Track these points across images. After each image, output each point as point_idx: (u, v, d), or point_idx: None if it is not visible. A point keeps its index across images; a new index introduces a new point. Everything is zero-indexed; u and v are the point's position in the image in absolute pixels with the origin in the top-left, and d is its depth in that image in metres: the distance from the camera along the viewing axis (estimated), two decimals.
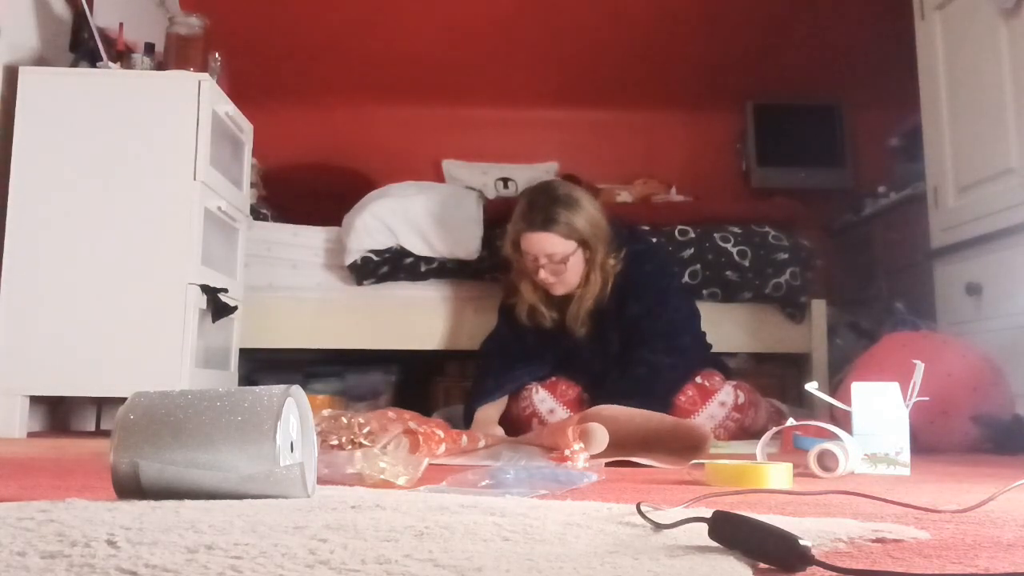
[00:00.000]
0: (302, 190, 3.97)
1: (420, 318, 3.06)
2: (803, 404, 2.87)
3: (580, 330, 2.49)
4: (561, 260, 2.41)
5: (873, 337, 2.87)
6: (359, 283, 3.05)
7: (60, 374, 2.38)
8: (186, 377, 2.40)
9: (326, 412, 1.78)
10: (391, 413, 2.04)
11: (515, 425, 2.46)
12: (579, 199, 2.44)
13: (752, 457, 1.60)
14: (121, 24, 2.69)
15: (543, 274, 2.44)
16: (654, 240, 2.89)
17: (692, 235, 3.02)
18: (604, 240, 2.46)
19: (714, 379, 2.49)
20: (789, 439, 1.86)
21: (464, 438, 1.96)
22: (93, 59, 2.57)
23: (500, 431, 2.36)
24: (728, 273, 3.00)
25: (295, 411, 1.09)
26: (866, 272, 3.87)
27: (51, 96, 2.46)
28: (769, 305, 3.10)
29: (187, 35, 2.60)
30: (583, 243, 2.43)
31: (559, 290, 2.48)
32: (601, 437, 1.68)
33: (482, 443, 2.06)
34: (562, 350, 2.55)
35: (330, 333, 3.06)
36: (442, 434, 1.85)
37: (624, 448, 1.73)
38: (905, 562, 0.73)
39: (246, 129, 2.91)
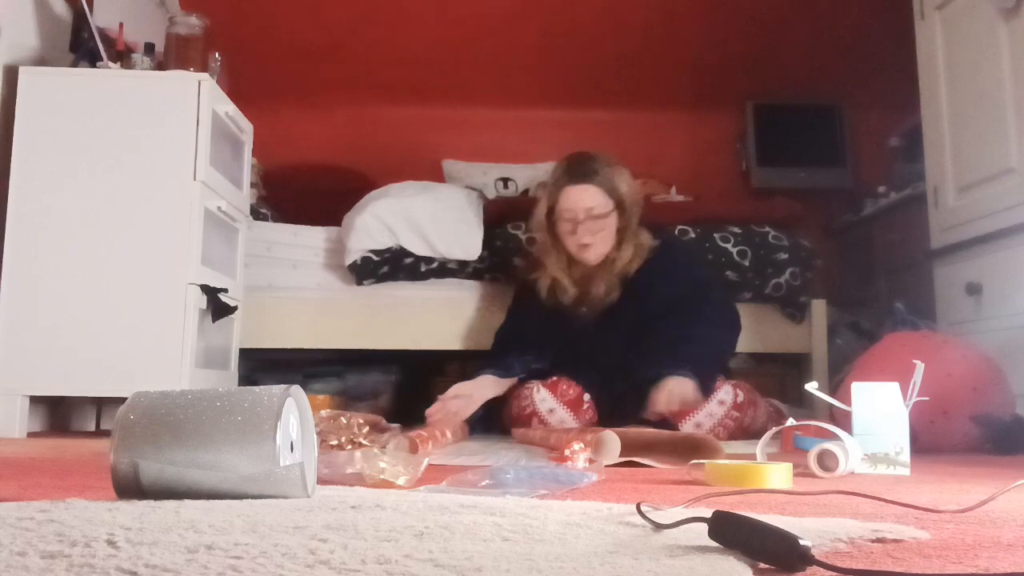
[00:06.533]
0: (302, 190, 3.97)
1: (420, 318, 3.06)
2: (803, 404, 2.87)
3: (608, 298, 2.51)
4: (600, 215, 2.44)
5: (873, 337, 2.87)
6: (359, 283, 3.05)
7: (60, 374, 2.38)
8: (186, 377, 2.40)
9: (325, 412, 1.78)
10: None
11: (515, 424, 2.46)
12: (621, 166, 2.52)
13: (752, 457, 1.60)
14: (121, 24, 2.69)
15: (580, 232, 2.45)
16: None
17: (692, 235, 3.02)
18: (638, 215, 2.53)
19: None
20: (789, 439, 1.86)
21: (437, 433, 1.97)
22: (93, 59, 2.57)
23: (487, 394, 2.44)
24: (728, 273, 3.00)
25: (295, 411, 1.09)
26: (866, 272, 3.87)
27: (51, 96, 2.46)
28: (769, 305, 3.10)
29: (187, 35, 2.60)
30: (620, 207, 2.47)
31: (591, 253, 2.49)
32: (613, 446, 1.67)
33: (449, 435, 2.07)
34: (572, 334, 2.56)
35: (330, 333, 3.06)
36: (425, 434, 1.87)
37: (630, 451, 1.72)
38: (905, 562, 0.73)
39: (246, 129, 2.91)
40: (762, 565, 0.69)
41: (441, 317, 3.06)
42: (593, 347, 2.53)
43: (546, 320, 2.59)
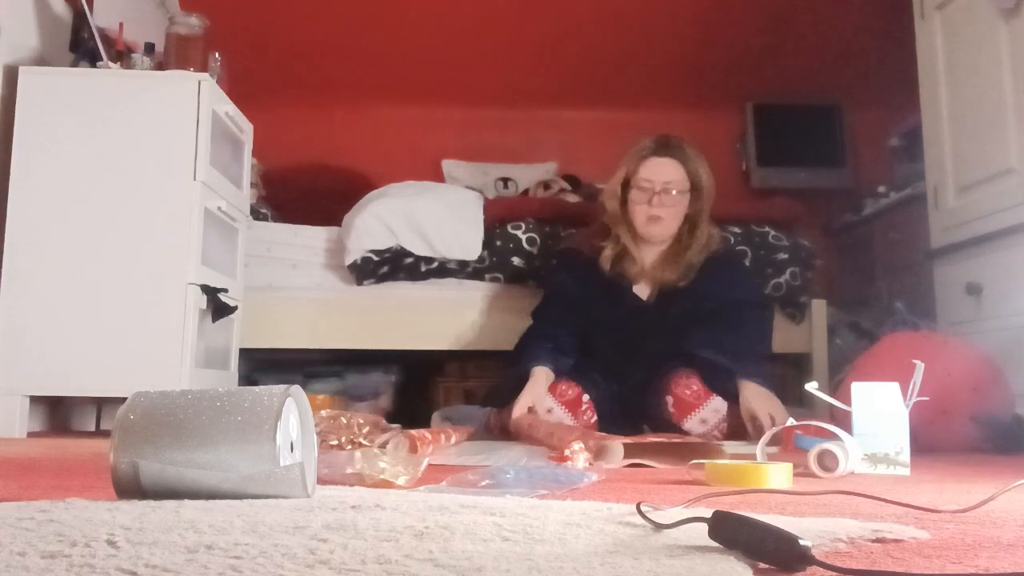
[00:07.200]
0: (302, 190, 3.97)
1: (420, 318, 3.06)
2: (803, 404, 2.87)
3: (679, 282, 2.52)
4: (678, 191, 2.49)
5: (873, 337, 2.87)
6: (359, 283, 3.05)
7: (60, 374, 2.38)
8: (186, 377, 2.40)
9: (325, 412, 1.78)
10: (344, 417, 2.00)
11: (515, 423, 2.46)
12: (704, 157, 2.59)
13: (752, 457, 1.60)
14: (121, 24, 2.69)
15: (655, 202, 2.49)
16: None
17: None
18: (710, 207, 2.56)
19: None
20: (789, 439, 1.86)
21: (442, 436, 1.97)
22: (93, 59, 2.57)
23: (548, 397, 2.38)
24: None
25: (295, 411, 1.09)
26: (866, 272, 3.87)
27: (51, 96, 2.46)
28: None
29: (187, 35, 2.60)
30: (696, 191, 2.52)
31: (658, 227, 2.51)
32: (617, 453, 1.67)
33: (453, 439, 2.07)
34: (624, 309, 2.56)
35: (330, 333, 3.05)
36: (430, 436, 1.87)
37: (631, 454, 1.72)
38: (905, 562, 0.73)
39: (246, 129, 2.91)
40: (762, 565, 0.69)
41: (441, 317, 3.06)
42: (643, 325, 2.53)
43: (595, 294, 2.58)
